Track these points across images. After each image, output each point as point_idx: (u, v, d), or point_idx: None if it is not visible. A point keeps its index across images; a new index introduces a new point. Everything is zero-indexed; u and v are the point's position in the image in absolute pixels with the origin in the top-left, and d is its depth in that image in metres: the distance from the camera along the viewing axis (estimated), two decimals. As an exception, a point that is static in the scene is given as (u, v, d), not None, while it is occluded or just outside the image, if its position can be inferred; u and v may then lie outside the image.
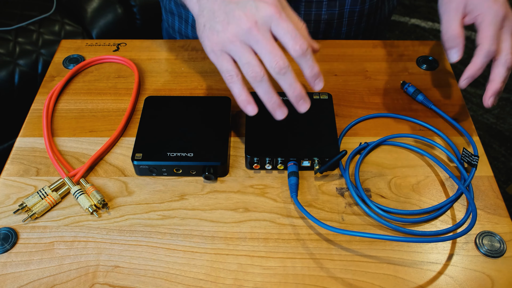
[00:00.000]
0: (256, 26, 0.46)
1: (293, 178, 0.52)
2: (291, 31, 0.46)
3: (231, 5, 0.47)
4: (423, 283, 0.46)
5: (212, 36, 0.48)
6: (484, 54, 0.52)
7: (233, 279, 0.46)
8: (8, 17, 1.25)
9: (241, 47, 0.46)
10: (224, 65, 0.47)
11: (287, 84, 0.46)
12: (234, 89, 0.48)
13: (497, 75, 0.52)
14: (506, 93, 1.74)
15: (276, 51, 0.45)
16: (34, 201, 0.51)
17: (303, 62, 0.47)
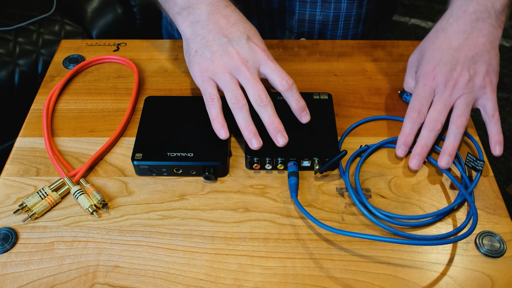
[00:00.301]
0: (247, 64, 0.52)
1: (293, 178, 0.52)
2: (278, 70, 0.52)
3: (225, 39, 0.53)
4: (423, 283, 0.46)
5: (203, 62, 0.53)
6: (406, 120, 0.55)
7: (233, 279, 0.46)
8: (8, 17, 1.25)
9: (230, 78, 0.52)
10: (208, 89, 0.52)
11: (267, 116, 0.51)
12: (212, 112, 0.52)
13: (419, 138, 0.54)
14: (506, 93, 1.74)
15: (260, 87, 0.51)
16: (34, 201, 0.51)
17: (289, 96, 0.52)
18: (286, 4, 0.75)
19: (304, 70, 0.67)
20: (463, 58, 0.54)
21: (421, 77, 0.56)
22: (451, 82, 0.53)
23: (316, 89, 0.64)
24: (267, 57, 0.53)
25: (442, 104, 0.53)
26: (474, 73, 0.53)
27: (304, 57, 0.69)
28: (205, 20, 0.54)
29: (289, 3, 0.75)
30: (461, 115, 0.53)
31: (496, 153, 0.53)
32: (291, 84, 0.52)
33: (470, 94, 0.54)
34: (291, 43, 0.71)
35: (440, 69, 0.54)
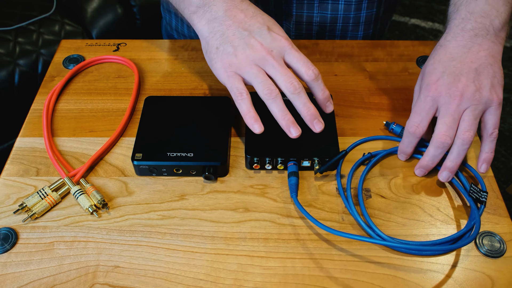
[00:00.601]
0: (271, 54, 0.50)
1: (293, 178, 0.52)
2: (303, 59, 0.51)
3: (245, 33, 0.51)
4: (423, 283, 0.46)
5: (226, 58, 0.51)
6: (406, 134, 0.53)
7: (233, 279, 0.46)
8: (8, 17, 1.25)
9: (257, 70, 0.50)
10: (235, 84, 0.50)
11: (301, 104, 0.50)
12: (242, 107, 0.50)
13: (426, 153, 0.52)
14: (506, 93, 1.74)
15: (290, 74, 0.50)
16: (34, 201, 0.51)
17: (315, 86, 0.51)
18: (283, 6, 0.75)
19: (304, 70, 0.67)
20: (467, 69, 0.51)
21: (423, 89, 0.53)
22: (457, 92, 0.50)
23: (316, 89, 0.64)
24: (291, 46, 0.51)
25: (450, 116, 0.50)
26: (480, 85, 0.51)
27: (304, 57, 0.69)
28: (222, 16, 0.53)
29: (286, 5, 0.74)
30: (468, 130, 0.50)
31: (481, 170, 0.52)
32: (317, 74, 0.51)
33: (478, 106, 0.50)
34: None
35: (443, 80, 0.52)
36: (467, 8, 0.55)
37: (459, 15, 0.55)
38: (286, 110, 0.50)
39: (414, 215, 0.51)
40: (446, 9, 0.59)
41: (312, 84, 0.51)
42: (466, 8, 0.55)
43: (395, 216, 0.51)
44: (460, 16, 0.55)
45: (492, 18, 0.54)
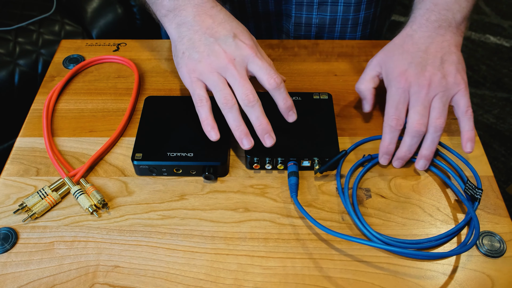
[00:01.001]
0: (234, 62, 0.51)
1: (293, 178, 0.52)
2: (265, 68, 0.51)
3: (211, 39, 0.52)
4: (423, 283, 0.46)
5: (191, 63, 0.52)
6: (386, 130, 0.53)
7: (233, 279, 0.46)
8: (8, 17, 1.25)
9: (218, 78, 0.51)
10: (197, 90, 0.52)
11: (254, 117, 0.50)
12: (201, 113, 0.51)
13: (402, 144, 0.53)
14: (506, 93, 1.74)
15: (247, 86, 0.50)
16: (34, 201, 0.51)
17: (276, 94, 0.51)
18: (283, 7, 0.75)
19: (304, 70, 0.67)
20: (432, 58, 0.54)
21: (393, 81, 0.54)
22: (425, 82, 0.52)
23: (316, 89, 0.64)
24: (255, 54, 0.52)
25: (421, 105, 0.52)
26: (445, 72, 0.53)
27: (304, 57, 0.69)
28: (191, 22, 0.54)
29: (286, 6, 0.75)
30: (439, 117, 0.52)
31: (467, 149, 0.53)
32: (279, 83, 0.51)
33: (446, 92, 0.53)
34: (291, 43, 0.71)
35: (411, 70, 0.53)
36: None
37: (424, 5, 0.57)
38: (240, 121, 0.51)
39: (414, 215, 0.51)
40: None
41: (273, 93, 0.51)
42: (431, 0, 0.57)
43: (395, 216, 0.51)
44: (425, 7, 0.57)
45: (455, 12, 0.56)
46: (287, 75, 0.66)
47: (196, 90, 0.52)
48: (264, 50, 0.69)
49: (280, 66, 0.68)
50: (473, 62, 1.86)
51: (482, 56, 1.89)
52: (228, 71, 0.51)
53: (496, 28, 2.00)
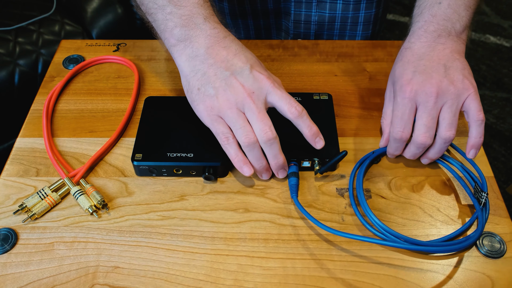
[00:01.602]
0: (252, 96, 0.49)
1: (293, 178, 0.52)
2: (285, 98, 0.49)
3: (227, 73, 0.50)
4: (423, 283, 0.46)
5: (208, 100, 0.50)
6: (391, 139, 0.53)
7: (233, 279, 0.46)
8: (8, 17, 1.25)
9: (237, 114, 0.49)
10: (220, 129, 0.50)
11: (272, 155, 0.50)
12: (230, 152, 0.50)
13: (406, 152, 0.54)
14: (506, 93, 1.74)
15: (266, 121, 0.49)
16: (34, 201, 0.51)
17: (300, 123, 0.50)
18: (282, 5, 0.75)
19: (304, 70, 0.67)
20: (436, 66, 0.52)
21: (398, 92, 0.52)
22: (433, 89, 0.50)
23: (316, 89, 0.64)
24: (273, 85, 0.50)
25: (428, 116, 0.50)
26: (452, 79, 0.51)
27: (304, 57, 0.69)
28: (204, 54, 0.51)
29: (284, 4, 0.75)
30: (449, 129, 0.50)
31: (470, 156, 0.52)
32: (300, 111, 0.49)
33: (455, 100, 0.50)
34: (291, 43, 0.71)
35: (416, 79, 0.51)
36: (430, 11, 0.55)
37: (422, 18, 0.56)
38: (262, 159, 0.50)
39: (414, 216, 0.51)
40: (411, 12, 0.60)
41: (297, 122, 0.50)
42: (429, 12, 0.55)
43: (395, 216, 0.51)
44: (423, 19, 0.56)
45: (454, 21, 0.54)
46: (287, 75, 0.66)
47: (220, 129, 0.50)
48: (264, 50, 0.70)
49: (280, 66, 0.68)
50: (473, 62, 1.86)
51: (482, 56, 1.89)
52: (246, 105, 0.49)
53: (496, 28, 2.00)
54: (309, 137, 0.51)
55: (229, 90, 0.49)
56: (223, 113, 0.49)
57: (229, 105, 0.49)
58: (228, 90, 0.49)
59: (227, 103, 0.49)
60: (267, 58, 0.69)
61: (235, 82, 0.49)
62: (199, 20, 0.52)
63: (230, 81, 0.49)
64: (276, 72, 0.67)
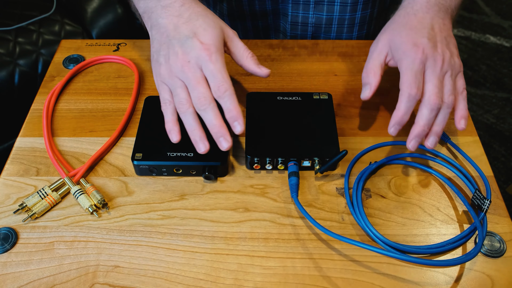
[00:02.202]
0: (188, 65, 0.50)
1: (293, 178, 0.52)
2: (214, 74, 0.49)
3: (174, 41, 0.51)
4: (422, 283, 0.46)
5: (156, 67, 0.53)
6: (404, 98, 0.50)
7: (233, 279, 0.46)
8: (8, 17, 1.25)
9: (175, 82, 0.51)
10: (162, 94, 0.52)
11: (208, 120, 0.50)
12: (165, 115, 0.52)
13: (420, 118, 0.51)
14: (506, 93, 1.74)
15: (200, 89, 0.49)
16: (34, 201, 0.51)
17: (222, 103, 0.50)
18: (280, 6, 0.75)
19: (304, 70, 0.67)
20: (439, 37, 0.54)
21: (408, 52, 0.52)
22: (440, 57, 0.52)
23: (316, 89, 0.64)
24: (209, 57, 0.50)
25: (438, 79, 0.51)
26: (452, 52, 0.54)
27: (304, 57, 0.69)
28: (159, 24, 0.53)
29: (282, 5, 0.75)
30: (451, 94, 0.52)
31: (461, 126, 0.52)
32: (223, 91, 0.49)
33: (453, 71, 0.53)
34: (291, 43, 0.71)
35: (426, 44, 0.52)
36: None
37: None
38: (195, 125, 0.50)
39: (414, 215, 0.51)
40: None
41: (219, 101, 0.50)
42: None
43: (395, 216, 0.51)
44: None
45: (449, 1, 0.58)
46: (287, 75, 0.66)
47: (162, 94, 0.52)
48: (264, 50, 0.70)
49: (280, 66, 0.68)
50: (473, 62, 1.86)
51: (482, 56, 1.89)
52: (183, 74, 0.50)
53: (496, 28, 2.00)
54: (228, 118, 0.50)
55: (171, 59, 0.51)
56: (166, 81, 0.52)
57: (170, 73, 0.51)
58: (170, 59, 0.51)
59: (168, 71, 0.51)
60: (267, 58, 0.69)
61: (177, 50, 0.51)
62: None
63: (174, 49, 0.51)
64: (276, 72, 0.67)
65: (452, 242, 0.48)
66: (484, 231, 0.48)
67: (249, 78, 0.66)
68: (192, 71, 0.50)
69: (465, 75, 1.81)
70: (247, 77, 0.66)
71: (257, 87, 0.65)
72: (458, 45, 1.92)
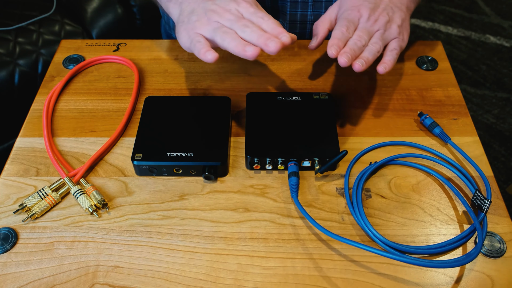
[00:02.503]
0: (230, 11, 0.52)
1: (293, 178, 0.52)
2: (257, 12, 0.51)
3: (208, 2, 0.53)
4: (423, 283, 0.46)
5: (190, 25, 0.52)
6: (336, 31, 0.55)
7: (233, 279, 0.46)
8: (8, 17, 1.25)
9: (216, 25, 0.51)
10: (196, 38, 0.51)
11: (255, 30, 0.49)
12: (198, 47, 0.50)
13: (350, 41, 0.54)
14: (506, 93, 1.74)
15: (244, 20, 0.50)
16: (34, 201, 0.51)
17: (268, 23, 0.50)
18: (279, 4, 0.75)
19: (304, 70, 0.67)
20: (384, 4, 0.58)
21: (347, 10, 0.58)
22: (373, 17, 0.56)
23: (316, 89, 0.64)
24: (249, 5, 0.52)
25: (365, 31, 0.55)
26: (392, 18, 0.57)
27: (304, 57, 0.69)
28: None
29: (281, 3, 0.75)
30: (376, 43, 0.55)
31: (381, 69, 0.54)
32: (267, 18, 0.51)
33: (386, 32, 0.56)
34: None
35: (365, 6, 0.57)
36: None
37: None
38: (240, 40, 0.49)
39: (414, 215, 0.51)
40: None
41: (264, 24, 0.50)
42: None
43: (395, 216, 0.51)
44: None
45: None
46: (287, 74, 0.66)
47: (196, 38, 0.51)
48: (264, 50, 0.69)
49: (280, 66, 0.68)
50: (473, 62, 1.86)
51: (482, 56, 1.89)
52: (225, 18, 0.51)
53: (496, 28, 2.00)
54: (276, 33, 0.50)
55: (209, 12, 0.52)
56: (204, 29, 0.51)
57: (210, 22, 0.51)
58: (208, 12, 0.52)
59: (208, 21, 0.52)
60: (267, 58, 0.69)
61: (214, 6, 0.53)
62: None
63: (211, 7, 0.53)
64: (276, 72, 0.67)
65: (452, 242, 0.48)
66: (484, 232, 0.48)
67: (250, 78, 0.66)
68: (235, 15, 0.51)
69: (465, 75, 1.81)
70: (247, 77, 0.66)
71: (257, 87, 0.65)
72: (458, 45, 1.92)
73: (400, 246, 0.47)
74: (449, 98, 0.64)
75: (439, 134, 0.58)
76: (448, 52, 1.90)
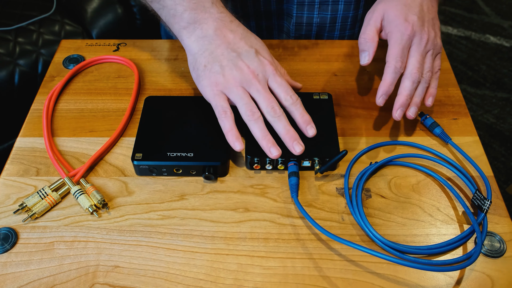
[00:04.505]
0: (257, 77, 0.53)
1: (293, 178, 0.52)
2: (284, 85, 0.54)
3: (234, 54, 0.54)
4: (423, 283, 0.46)
5: (213, 76, 0.53)
6: (391, 70, 0.54)
7: (233, 279, 0.46)
8: (8, 17, 1.25)
9: (243, 91, 0.52)
10: (220, 102, 0.53)
11: (282, 127, 0.52)
12: (226, 124, 0.52)
13: (403, 89, 0.54)
14: (506, 93, 1.74)
15: (272, 99, 0.52)
16: (34, 201, 0.51)
17: (294, 110, 0.54)
18: (284, 7, 0.75)
19: (304, 70, 0.67)
20: (427, 17, 0.57)
21: (399, 26, 0.56)
22: (426, 35, 0.56)
23: (316, 89, 0.64)
24: (275, 71, 0.54)
25: (421, 55, 0.55)
26: (436, 33, 0.58)
27: (304, 57, 0.69)
28: (212, 35, 0.55)
29: (287, 6, 0.75)
30: (430, 70, 0.56)
31: (428, 103, 0.57)
32: (295, 99, 0.53)
33: (435, 51, 0.57)
34: (291, 43, 0.71)
35: (416, 21, 0.56)
36: None
37: None
38: (266, 132, 0.52)
39: (414, 215, 0.51)
40: None
41: (291, 109, 0.53)
42: None
43: (395, 216, 0.51)
44: None
45: None
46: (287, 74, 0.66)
47: (220, 102, 0.52)
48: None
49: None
50: (473, 62, 1.86)
51: (482, 56, 1.89)
52: (252, 85, 0.52)
53: (496, 28, 2.00)
54: (301, 123, 0.53)
55: (235, 69, 0.53)
56: (228, 90, 0.53)
57: (235, 83, 0.52)
58: (234, 69, 0.53)
59: (233, 81, 0.52)
60: (267, 58, 0.69)
61: (241, 63, 0.53)
62: (207, 4, 0.56)
63: (237, 61, 0.53)
64: (276, 72, 0.67)
65: (452, 242, 0.48)
66: (484, 232, 0.48)
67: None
68: (262, 83, 0.53)
69: (465, 75, 1.81)
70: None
71: (257, 87, 0.65)
72: (458, 45, 1.92)
73: (400, 246, 0.47)
74: (449, 98, 0.64)
75: (440, 134, 0.58)
76: (448, 52, 1.90)
